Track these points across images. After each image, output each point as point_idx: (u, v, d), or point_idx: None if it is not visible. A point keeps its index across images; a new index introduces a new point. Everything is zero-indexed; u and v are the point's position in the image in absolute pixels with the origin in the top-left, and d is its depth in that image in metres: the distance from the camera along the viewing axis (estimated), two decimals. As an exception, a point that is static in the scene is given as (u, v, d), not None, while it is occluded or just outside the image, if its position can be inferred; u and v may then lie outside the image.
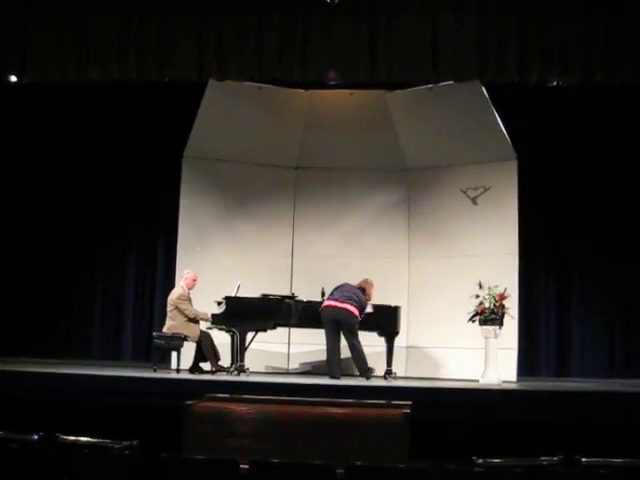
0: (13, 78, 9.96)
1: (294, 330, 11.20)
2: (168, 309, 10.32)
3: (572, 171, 11.80)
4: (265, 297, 10.20)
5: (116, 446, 6.52)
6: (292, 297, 10.31)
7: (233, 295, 10.15)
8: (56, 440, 6.63)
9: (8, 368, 9.35)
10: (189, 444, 6.79)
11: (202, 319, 10.24)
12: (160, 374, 9.80)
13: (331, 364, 9.95)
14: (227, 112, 11.29)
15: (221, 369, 10.11)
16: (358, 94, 11.52)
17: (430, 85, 10.73)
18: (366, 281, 10.28)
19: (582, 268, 11.99)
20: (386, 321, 10.32)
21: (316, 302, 10.20)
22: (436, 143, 11.44)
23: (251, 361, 10.10)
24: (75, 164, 12.69)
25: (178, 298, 10.24)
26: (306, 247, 11.82)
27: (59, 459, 5.67)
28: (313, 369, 11.35)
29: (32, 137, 12.51)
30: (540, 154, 11.64)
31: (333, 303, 9.95)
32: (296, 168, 12.07)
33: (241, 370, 9.87)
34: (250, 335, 10.10)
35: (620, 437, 7.49)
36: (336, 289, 10.11)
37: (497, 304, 9.82)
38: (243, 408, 7.08)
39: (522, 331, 11.08)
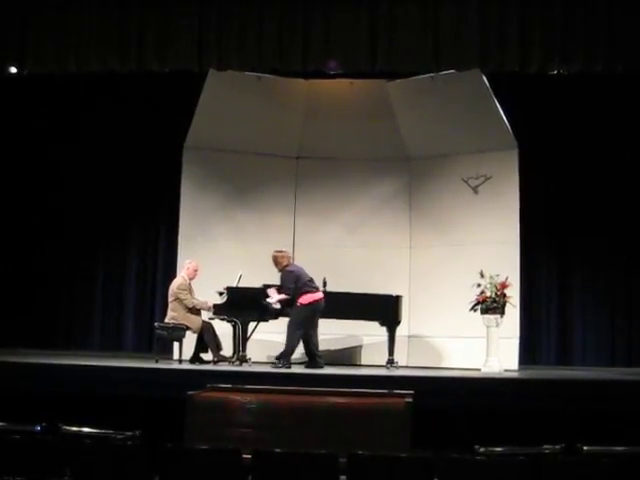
0: (13, 69, 9.95)
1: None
2: (169, 300, 10.32)
3: (573, 160, 11.80)
4: (267, 287, 10.20)
5: (118, 436, 6.56)
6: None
7: (235, 285, 10.16)
8: (58, 431, 6.66)
9: (11, 359, 9.36)
10: (191, 434, 6.81)
11: (201, 309, 10.23)
12: (162, 365, 9.80)
13: (318, 355, 9.94)
14: (228, 102, 11.27)
15: (223, 359, 10.11)
16: (359, 83, 11.49)
17: (431, 74, 10.69)
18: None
19: (583, 256, 11.99)
20: (387, 310, 10.31)
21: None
22: (437, 132, 11.41)
23: (253, 351, 10.11)
24: (76, 155, 12.69)
25: (178, 288, 10.23)
26: (307, 237, 11.81)
27: (61, 450, 5.69)
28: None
29: (32, 128, 12.49)
30: (541, 143, 11.63)
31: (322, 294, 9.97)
32: (297, 158, 12.05)
33: (243, 360, 9.88)
34: (252, 325, 10.12)
35: (621, 425, 7.50)
36: (310, 279, 9.99)
37: (498, 293, 9.82)
38: (245, 398, 7.10)
39: (524, 320, 11.08)
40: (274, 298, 9.88)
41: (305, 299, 9.78)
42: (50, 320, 12.71)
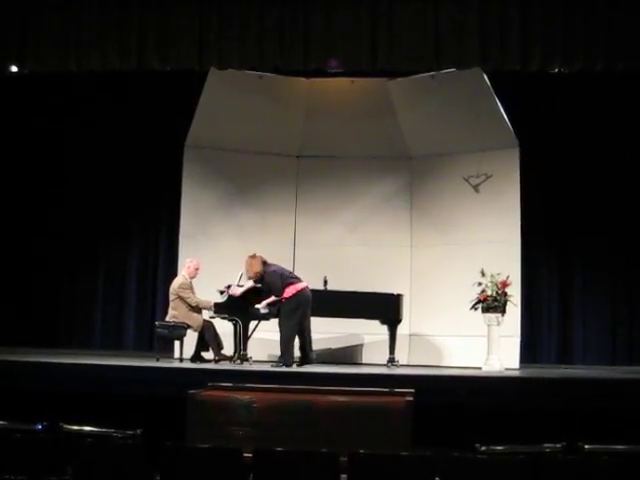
0: (14, 68, 9.96)
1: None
2: (170, 298, 10.31)
3: (574, 158, 11.80)
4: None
5: (119, 435, 6.56)
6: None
7: (236, 284, 10.15)
8: (60, 430, 6.66)
9: (11, 358, 9.36)
10: (192, 433, 6.80)
11: (204, 307, 10.23)
12: (163, 363, 9.81)
13: (311, 350, 9.91)
14: (228, 101, 11.27)
15: (224, 358, 10.11)
16: (359, 82, 11.49)
17: (432, 73, 10.69)
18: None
19: (584, 255, 12.00)
20: (388, 309, 10.31)
21: (318, 291, 10.19)
22: (438, 131, 11.41)
23: (254, 350, 10.11)
24: (76, 154, 12.71)
25: (180, 287, 10.24)
26: (308, 236, 11.82)
27: (63, 449, 5.69)
28: (316, 357, 11.33)
29: (33, 127, 12.50)
30: (542, 141, 11.63)
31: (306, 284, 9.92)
32: (298, 157, 12.06)
33: (244, 359, 9.88)
34: (253, 324, 10.12)
35: (622, 424, 7.50)
36: (290, 272, 10.03)
37: (499, 292, 9.82)
38: (246, 397, 7.09)
39: (524, 318, 11.08)
40: (262, 304, 9.88)
41: (289, 291, 9.74)
42: (51, 319, 12.72)
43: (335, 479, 5.37)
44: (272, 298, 9.79)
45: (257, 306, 9.87)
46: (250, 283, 10.01)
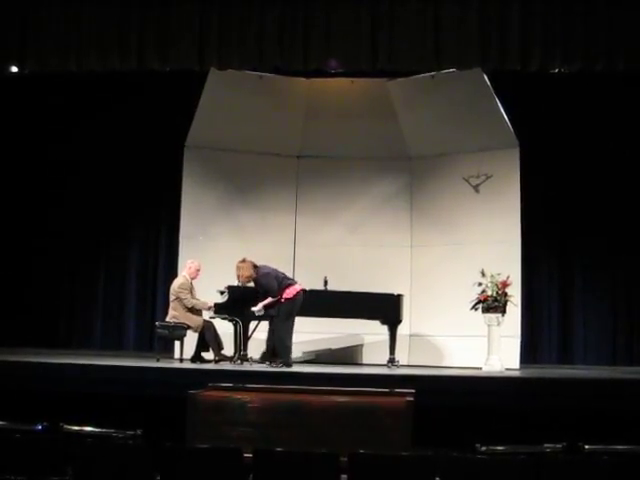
0: (14, 68, 9.96)
1: (297, 319, 11.18)
2: (170, 299, 10.31)
3: (574, 158, 11.81)
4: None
5: (120, 435, 6.56)
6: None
7: (236, 284, 10.15)
8: (60, 430, 6.66)
9: (12, 358, 9.36)
10: (192, 433, 6.80)
11: (201, 309, 10.23)
12: (163, 364, 9.81)
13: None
14: (228, 101, 11.28)
15: (224, 358, 10.11)
16: (359, 82, 11.49)
17: (432, 73, 10.69)
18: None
19: (584, 255, 12.01)
20: (389, 309, 10.30)
21: (318, 291, 10.19)
22: (438, 131, 11.40)
23: (254, 350, 10.11)
24: (77, 154, 12.69)
25: (179, 287, 10.23)
26: (308, 236, 11.82)
27: (63, 449, 5.69)
28: (316, 358, 11.35)
29: (33, 127, 12.50)
30: (542, 141, 11.63)
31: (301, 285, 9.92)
32: (298, 157, 12.05)
33: (244, 359, 9.88)
34: (253, 324, 10.12)
35: (622, 424, 7.50)
36: (283, 273, 10.01)
37: (500, 292, 9.82)
38: (246, 397, 7.09)
39: (525, 319, 11.08)
40: (259, 306, 9.85)
41: (289, 293, 9.74)
42: (51, 319, 12.72)
43: (335, 479, 5.37)
44: (269, 300, 9.79)
45: (253, 308, 9.85)
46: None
